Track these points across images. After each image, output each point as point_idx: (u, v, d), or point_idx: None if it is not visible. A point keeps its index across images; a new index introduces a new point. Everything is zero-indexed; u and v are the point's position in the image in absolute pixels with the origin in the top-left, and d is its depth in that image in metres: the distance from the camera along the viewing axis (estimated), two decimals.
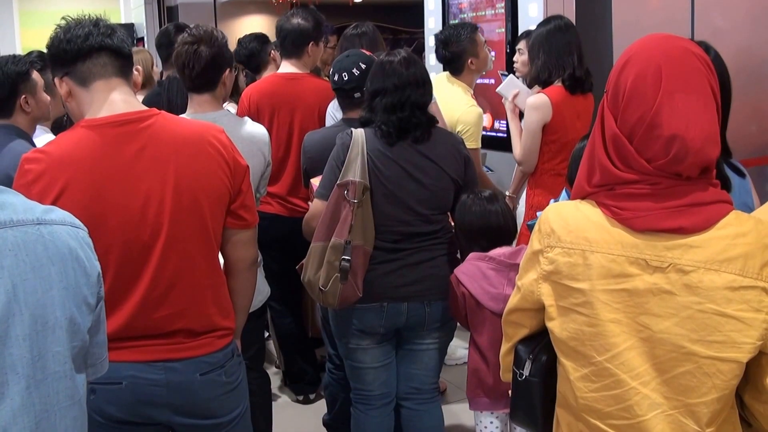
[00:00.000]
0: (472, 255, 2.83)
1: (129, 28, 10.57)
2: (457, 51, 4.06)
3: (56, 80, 2.11)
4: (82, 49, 2.04)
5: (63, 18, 2.11)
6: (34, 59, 3.21)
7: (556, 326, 1.65)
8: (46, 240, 1.30)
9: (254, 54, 4.89)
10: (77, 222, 1.43)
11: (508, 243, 2.88)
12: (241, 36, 5.07)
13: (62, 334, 1.29)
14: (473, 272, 2.78)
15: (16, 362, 1.21)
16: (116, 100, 2.07)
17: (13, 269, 1.22)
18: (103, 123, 2.05)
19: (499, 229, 2.85)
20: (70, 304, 1.31)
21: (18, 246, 1.25)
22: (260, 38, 4.84)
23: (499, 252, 2.78)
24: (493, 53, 4.41)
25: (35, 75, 2.89)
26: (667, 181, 1.52)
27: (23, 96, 2.78)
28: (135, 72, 2.21)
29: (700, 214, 1.51)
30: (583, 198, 1.65)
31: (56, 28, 2.08)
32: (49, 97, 2.97)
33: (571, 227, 1.62)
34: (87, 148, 2.03)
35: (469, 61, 4.04)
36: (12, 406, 1.20)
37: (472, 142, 3.85)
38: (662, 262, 1.51)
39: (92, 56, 2.05)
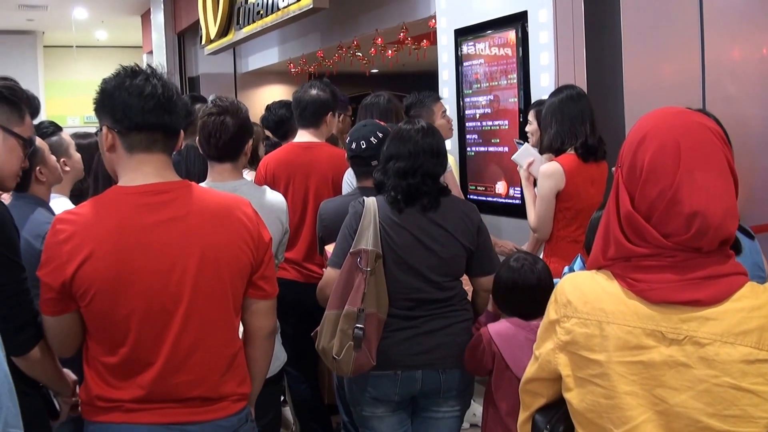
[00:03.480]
0: (511, 320, 2.80)
1: None
2: (414, 116, 4.21)
3: (104, 128, 2.12)
4: (142, 124, 2.07)
5: (130, 66, 2.11)
6: (46, 127, 3.29)
7: (573, 397, 1.64)
8: None
9: (283, 120, 4.98)
10: None
11: (544, 308, 2.84)
12: (262, 104, 5.15)
13: None
14: (510, 337, 2.75)
15: None
16: (152, 171, 2.11)
17: None
18: (135, 192, 2.09)
19: (532, 290, 2.79)
20: None
21: None
22: (288, 105, 4.87)
23: (539, 325, 2.74)
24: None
25: (39, 142, 2.90)
26: (683, 254, 1.52)
27: (37, 168, 2.84)
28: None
29: (716, 286, 1.51)
30: (598, 269, 1.66)
31: (121, 76, 2.09)
32: (55, 158, 3.01)
33: (587, 298, 1.62)
34: (117, 215, 2.06)
35: None
36: None
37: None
38: (678, 334, 1.51)
39: (148, 130, 2.09)
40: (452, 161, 4.44)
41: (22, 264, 2.13)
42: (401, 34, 8.15)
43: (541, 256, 3.69)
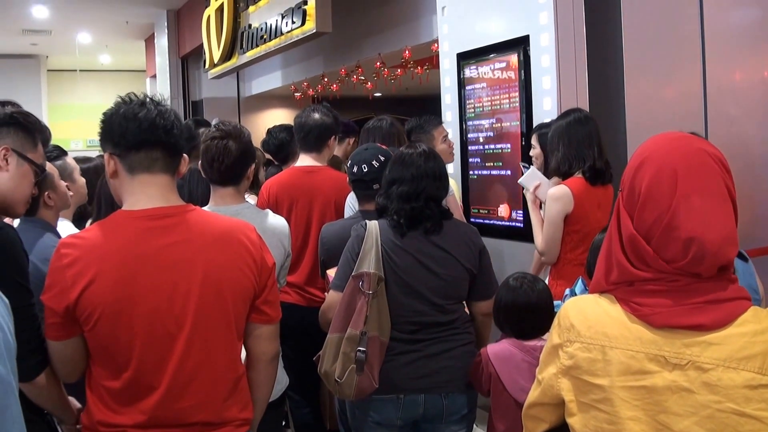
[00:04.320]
0: (510, 340, 2.81)
1: None
2: (415, 141, 4.24)
3: (105, 155, 2.15)
4: (139, 141, 2.09)
5: (127, 95, 2.15)
6: (50, 151, 3.30)
7: (576, 422, 1.63)
8: None
9: (283, 144, 4.99)
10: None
11: (544, 328, 2.81)
12: (265, 128, 5.16)
13: None
14: (507, 358, 2.75)
15: None
16: (156, 194, 2.12)
17: None
18: (139, 216, 2.09)
19: (531, 309, 2.80)
20: None
21: None
22: (289, 129, 4.90)
23: (537, 345, 2.75)
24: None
25: (49, 167, 2.95)
26: (685, 279, 1.52)
27: (45, 193, 2.85)
28: (182, 161, 2.25)
29: (718, 311, 1.50)
30: (601, 293, 1.65)
31: (119, 104, 2.13)
32: (65, 184, 3.02)
33: (590, 322, 1.61)
34: (121, 239, 2.07)
35: None
36: None
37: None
38: (681, 359, 1.50)
39: (146, 148, 2.10)
40: (454, 185, 4.45)
41: (31, 289, 2.13)
42: (404, 57, 8.20)
43: (546, 280, 3.69)
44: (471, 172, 4.99)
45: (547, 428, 1.77)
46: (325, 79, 10.67)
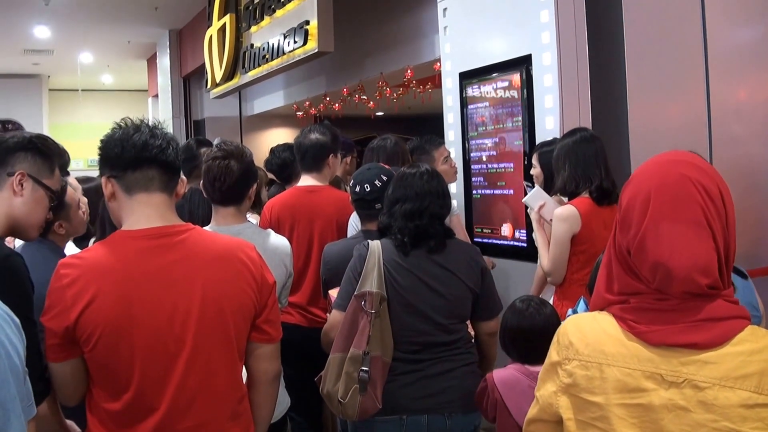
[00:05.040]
0: (516, 366, 2.77)
1: None
2: (416, 161, 4.20)
3: (103, 179, 2.17)
4: (134, 160, 2.11)
5: (123, 119, 2.18)
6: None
7: None
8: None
9: (286, 164, 4.99)
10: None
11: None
12: (267, 147, 5.15)
13: None
14: (513, 384, 2.72)
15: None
16: (155, 213, 2.13)
17: None
18: (138, 235, 2.10)
19: (539, 333, 2.74)
20: None
21: None
22: (292, 148, 4.89)
23: None
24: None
25: (69, 197, 2.92)
26: (675, 299, 1.52)
27: (57, 222, 2.84)
28: (180, 182, 2.27)
29: (714, 329, 1.50)
30: (602, 308, 1.65)
31: (114, 129, 2.16)
32: (80, 214, 3.02)
33: (588, 340, 1.61)
34: (120, 259, 2.07)
35: None
36: None
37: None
38: (677, 377, 1.50)
39: (143, 167, 2.12)
40: (455, 205, 4.44)
41: (35, 319, 2.11)
42: (406, 77, 8.22)
43: (551, 300, 3.67)
44: (474, 192, 4.98)
45: None
46: (327, 99, 10.70)
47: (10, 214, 2.24)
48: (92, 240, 3.47)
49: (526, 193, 4.01)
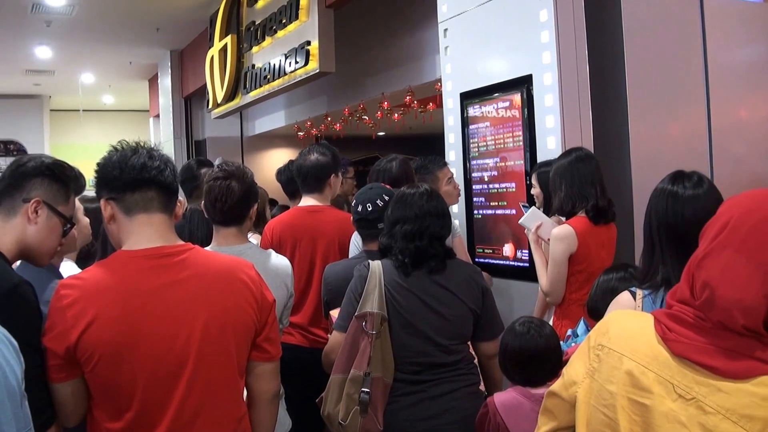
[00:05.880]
0: (517, 389, 2.74)
1: None
2: (419, 181, 4.17)
3: (102, 201, 2.18)
4: (133, 181, 2.12)
5: (119, 142, 2.19)
6: None
7: (581, 419, 1.67)
8: None
9: (292, 179, 4.98)
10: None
11: (553, 373, 2.73)
12: (269, 167, 5.15)
13: None
14: (515, 407, 2.69)
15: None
16: (155, 234, 2.14)
17: None
18: (139, 255, 2.10)
19: (540, 355, 2.72)
20: None
21: None
22: None
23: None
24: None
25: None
26: (713, 324, 1.51)
27: None
28: (177, 204, 2.27)
29: (739, 363, 1.47)
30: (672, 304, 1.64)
31: (111, 151, 2.18)
32: (76, 233, 3.00)
33: (623, 333, 1.64)
34: (121, 279, 2.07)
35: None
36: None
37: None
38: (687, 393, 1.49)
39: (141, 189, 2.13)
40: (457, 226, 4.43)
41: (41, 348, 2.09)
42: (407, 97, 8.23)
43: (551, 320, 3.65)
44: (475, 212, 4.97)
45: (555, 427, 1.79)
46: (329, 119, 10.72)
47: (23, 241, 2.23)
48: (95, 260, 3.46)
49: (523, 215, 4.01)
